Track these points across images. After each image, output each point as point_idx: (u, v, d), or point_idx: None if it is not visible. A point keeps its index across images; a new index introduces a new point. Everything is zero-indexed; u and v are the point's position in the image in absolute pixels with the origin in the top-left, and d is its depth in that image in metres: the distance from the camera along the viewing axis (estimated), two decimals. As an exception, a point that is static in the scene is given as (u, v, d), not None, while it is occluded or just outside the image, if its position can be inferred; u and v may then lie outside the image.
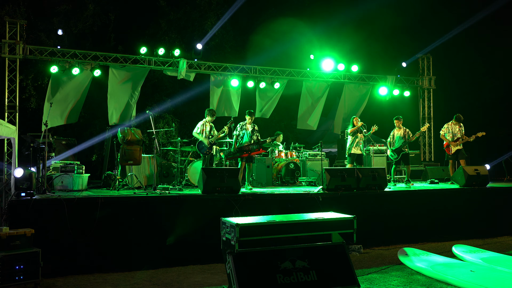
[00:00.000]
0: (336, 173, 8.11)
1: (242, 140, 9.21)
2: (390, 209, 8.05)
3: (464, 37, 15.37)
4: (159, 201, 6.91)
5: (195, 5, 15.99)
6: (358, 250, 7.33)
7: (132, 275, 6.08)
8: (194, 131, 9.24)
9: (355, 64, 14.29)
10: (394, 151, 10.23)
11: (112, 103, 12.01)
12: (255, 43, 16.11)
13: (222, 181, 7.34)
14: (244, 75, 13.20)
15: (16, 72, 10.73)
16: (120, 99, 12.06)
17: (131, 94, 12.15)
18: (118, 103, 12.06)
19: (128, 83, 12.13)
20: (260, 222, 5.01)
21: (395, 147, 10.23)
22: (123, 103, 12.11)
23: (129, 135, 8.89)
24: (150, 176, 9.55)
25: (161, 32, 15.55)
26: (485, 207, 8.72)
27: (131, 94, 12.16)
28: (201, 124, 9.21)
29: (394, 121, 10.43)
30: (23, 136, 8.54)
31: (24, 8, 13.30)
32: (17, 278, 5.28)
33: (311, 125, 14.37)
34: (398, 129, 10.36)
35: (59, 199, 6.31)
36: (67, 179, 8.32)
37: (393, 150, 10.28)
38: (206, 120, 9.25)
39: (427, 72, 15.01)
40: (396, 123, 10.38)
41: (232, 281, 4.44)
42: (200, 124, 9.23)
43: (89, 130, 14.52)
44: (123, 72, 12.06)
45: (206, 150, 9.07)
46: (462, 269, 5.86)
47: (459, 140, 10.11)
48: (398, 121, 10.38)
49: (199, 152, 9.17)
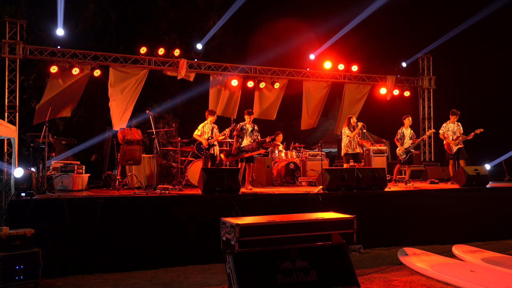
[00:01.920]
0: (336, 173, 8.11)
1: (242, 140, 9.22)
2: (390, 209, 8.05)
3: (464, 37, 15.35)
4: (159, 201, 6.91)
5: (195, 5, 15.99)
6: (358, 250, 7.33)
7: (132, 275, 6.08)
8: (195, 132, 9.30)
9: (355, 64, 14.29)
10: (404, 151, 10.16)
11: (114, 106, 11.99)
12: (255, 43, 16.12)
13: (222, 181, 7.34)
14: (244, 75, 13.20)
15: (16, 72, 10.74)
16: (120, 102, 12.04)
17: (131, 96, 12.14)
18: (119, 107, 12.02)
19: (129, 85, 12.12)
20: (260, 222, 5.01)
21: (406, 147, 10.15)
22: (124, 105, 12.09)
23: (129, 135, 8.89)
24: (150, 176, 9.56)
25: (161, 32, 15.55)
26: (485, 207, 8.71)
27: (131, 96, 12.15)
28: (201, 126, 9.28)
29: (404, 120, 10.32)
30: (23, 136, 8.55)
31: (25, 8, 13.30)
32: (17, 278, 5.28)
33: (313, 125, 14.41)
34: (406, 128, 10.31)
35: (59, 199, 6.32)
36: (67, 179, 8.32)
37: (403, 150, 10.17)
38: (207, 121, 9.29)
39: (427, 72, 15.01)
40: (407, 122, 10.30)
41: (232, 281, 4.45)
42: (200, 125, 9.29)
43: (89, 130, 14.53)
44: (123, 73, 12.05)
45: (203, 151, 9.12)
46: (462, 269, 5.86)
47: (459, 138, 10.10)
48: (408, 120, 10.30)
49: (197, 152, 9.23)
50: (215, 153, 9.26)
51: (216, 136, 9.16)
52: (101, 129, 13.41)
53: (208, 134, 9.15)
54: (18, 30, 10.78)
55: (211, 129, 9.22)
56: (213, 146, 9.18)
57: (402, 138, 10.25)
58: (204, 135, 9.15)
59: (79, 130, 14.37)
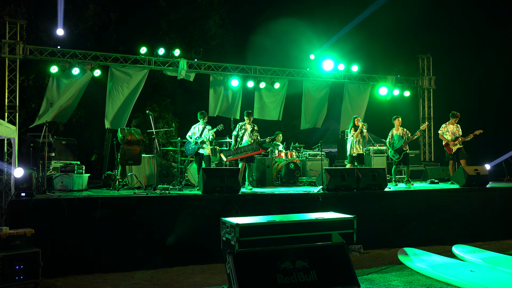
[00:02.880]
0: (336, 173, 8.11)
1: (241, 140, 9.23)
2: (390, 209, 8.05)
3: (464, 37, 15.37)
4: (159, 201, 6.91)
5: (195, 5, 15.99)
6: (358, 250, 7.33)
7: (132, 275, 6.08)
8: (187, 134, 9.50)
9: (355, 64, 14.29)
10: (396, 151, 10.19)
11: (110, 105, 11.97)
12: (255, 43, 16.11)
13: (222, 181, 7.34)
14: (244, 75, 13.20)
15: (16, 72, 10.73)
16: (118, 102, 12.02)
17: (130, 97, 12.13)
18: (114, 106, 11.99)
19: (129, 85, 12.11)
20: (260, 222, 5.01)
21: (396, 147, 10.19)
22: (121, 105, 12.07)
23: (129, 135, 8.89)
24: (150, 176, 9.56)
25: (161, 32, 15.56)
26: (485, 207, 8.70)
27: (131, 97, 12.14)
28: (192, 127, 9.47)
29: (393, 121, 10.38)
30: (23, 136, 8.55)
31: (25, 8, 13.30)
32: (17, 278, 5.28)
33: (314, 125, 14.41)
34: (397, 129, 10.33)
35: (59, 199, 6.31)
36: (67, 179, 8.31)
37: (395, 151, 10.23)
38: (198, 123, 9.45)
39: (427, 72, 15.01)
40: (397, 123, 10.34)
41: (232, 281, 4.45)
42: (192, 127, 9.49)
43: (89, 130, 14.54)
44: (123, 73, 12.04)
45: (190, 152, 9.29)
46: (462, 269, 5.86)
47: (458, 139, 10.10)
48: (398, 121, 10.34)
49: (186, 153, 9.42)
50: (204, 152, 9.27)
51: (205, 136, 9.22)
52: (101, 129, 13.43)
53: (197, 134, 9.29)
54: (18, 30, 10.77)
55: (202, 129, 9.28)
56: (199, 147, 9.21)
57: (394, 140, 10.27)
58: (193, 136, 9.33)
59: (79, 130, 14.37)
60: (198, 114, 9.52)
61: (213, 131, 9.24)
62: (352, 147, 9.95)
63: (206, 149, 9.26)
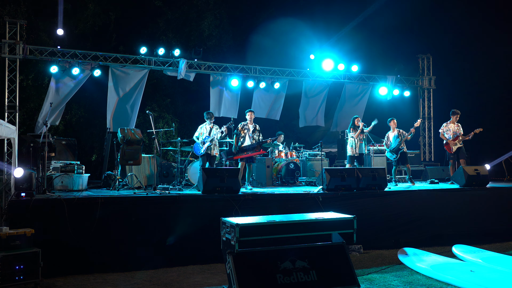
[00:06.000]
0: (336, 173, 8.11)
1: (243, 140, 9.24)
2: (390, 209, 8.05)
3: (464, 37, 15.36)
4: (159, 201, 6.91)
5: (192, 5, 15.96)
6: (358, 250, 7.33)
7: (132, 275, 6.08)
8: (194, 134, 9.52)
9: (355, 64, 14.28)
10: (392, 151, 10.21)
11: (111, 107, 11.95)
12: (255, 43, 16.09)
13: (222, 181, 7.35)
14: (244, 75, 13.19)
15: (16, 72, 10.72)
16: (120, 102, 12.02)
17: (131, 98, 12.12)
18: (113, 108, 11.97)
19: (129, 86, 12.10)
20: (260, 222, 5.01)
21: (393, 147, 10.21)
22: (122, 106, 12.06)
23: (129, 135, 8.89)
24: (150, 176, 9.56)
25: (159, 32, 15.54)
26: (485, 207, 8.70)
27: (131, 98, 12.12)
28: (199, 127, 9.50)
29: (389, 123, 10.43)
30: (23, 136, 8.55)
31: (25, 8, 13.29)
32: (17, 278, 5.28)
33: (312, 123, 14.41)
34: (393, 130, 10.36)
35: (59, 199, 6.32)
36: (67, 179, 8.32)
37: (391, 151, 10.26)
38: (205, 123, 9.48)
39: (427, 72, 15.01)
40: (392, 124, 10.38)
41: (232, 281, 4.45)
42: (199, 127, 9.51)
43: (89, 130, 14.53)
44: (123, 73, 12.03)
45: (199, 151, 9.29)
46: (462, 269, 5.87)
47: (458, 138, 10.10)
48: (393, 122, 10.38)
49: (195, 153, 9.41)
50: (212, 153, 9.30)
51: (213, 135, 9.20)
52: (102, 129, 13.42)
53: (205, 134, 9.30)
54: (18, 30, 10.76)
55: (209, 129, 9.29)
56: (209, 146, 9.22)
57: (391, 142, 10.29)
58: (201, 136, 9.35)
59: (79, 130, 14.36)
60: (205, 114, 9.57)
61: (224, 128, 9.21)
62: (352, 147, 9.97)
63: (214, 150, 9.32)
